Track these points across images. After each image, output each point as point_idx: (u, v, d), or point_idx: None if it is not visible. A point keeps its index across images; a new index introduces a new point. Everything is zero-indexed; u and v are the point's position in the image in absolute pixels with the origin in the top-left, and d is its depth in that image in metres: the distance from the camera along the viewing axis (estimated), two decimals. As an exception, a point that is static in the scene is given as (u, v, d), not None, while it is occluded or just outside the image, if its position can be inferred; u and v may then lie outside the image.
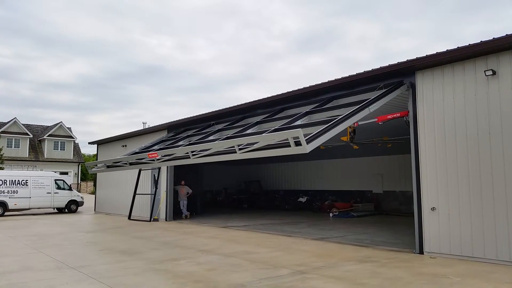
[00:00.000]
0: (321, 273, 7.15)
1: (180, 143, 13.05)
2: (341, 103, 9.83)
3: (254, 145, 7.70)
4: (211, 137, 11.55)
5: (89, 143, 25.20)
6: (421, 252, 8.77)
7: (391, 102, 9.98)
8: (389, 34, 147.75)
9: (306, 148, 6.63)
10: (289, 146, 6.85)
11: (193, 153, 9.35)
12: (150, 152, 10.84)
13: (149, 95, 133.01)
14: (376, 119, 9.47)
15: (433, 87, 8.88)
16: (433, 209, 8.63)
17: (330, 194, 22.29)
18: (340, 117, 7.84)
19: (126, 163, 12.44)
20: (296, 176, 25.20)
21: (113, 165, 13.13)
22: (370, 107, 8.38)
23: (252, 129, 10.45)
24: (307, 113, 9.67)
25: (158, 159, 10.81)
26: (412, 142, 9.20)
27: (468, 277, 6.74)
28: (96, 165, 13.88)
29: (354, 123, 8.40)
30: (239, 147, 7.97)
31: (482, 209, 7.92)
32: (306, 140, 6.67)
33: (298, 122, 8.95)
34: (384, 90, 9.12)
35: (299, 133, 6.60)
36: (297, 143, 6.71)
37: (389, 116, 9.45)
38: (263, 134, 7.89)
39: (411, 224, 9.61)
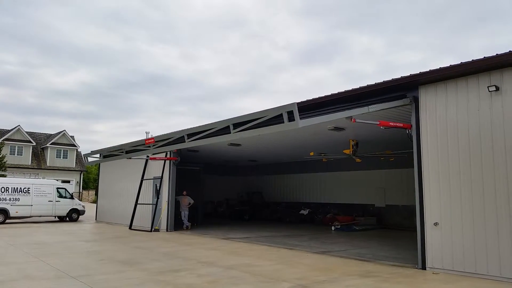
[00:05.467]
0: (323, 287, 7.09)
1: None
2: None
3: (248, 124, 7.75)
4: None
5: (91, 152, 25.21)
6: (423, 267, 8.69)
7: (394, 115, 10.03)
8: (394, 47, 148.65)
9: (299, 123, 6.70)
10: (283, 122, 6.91)
11: (188, 136, 9.37)
12: (147, 138, 10.96)
13: (153, 105, 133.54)
14: (378, 122, 9.50)
15: (436, 101, 8.90)
16: (436, 224, 8.58)
17: (332, 207, 22.17)
18: (338, 107, 7.92)
19: (122, 152, 12.50)
20: (298, 188, 25.13)
21: (109, 155, 13.22)
22: (369, 106, 8.46)
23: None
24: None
25: (153, 145, 10.84)
26: (415, 156, 9.19)
27: (471, 294, 6.67)
28: (100, 155, 14.20)
29: (351, 119, 8.48)
30: (235, 128, 8.00)
31: (485, 225, 7.87)
32: (299, 115, 6.75)
33: None
34: (385, 98, 9.19)
35: (294, 106, 6.65)
36: (291, 119, 6.76)
37: (392, 124, 9.47)
38: (257, 111, 7.91)
39: (414, 239, 9.53)
